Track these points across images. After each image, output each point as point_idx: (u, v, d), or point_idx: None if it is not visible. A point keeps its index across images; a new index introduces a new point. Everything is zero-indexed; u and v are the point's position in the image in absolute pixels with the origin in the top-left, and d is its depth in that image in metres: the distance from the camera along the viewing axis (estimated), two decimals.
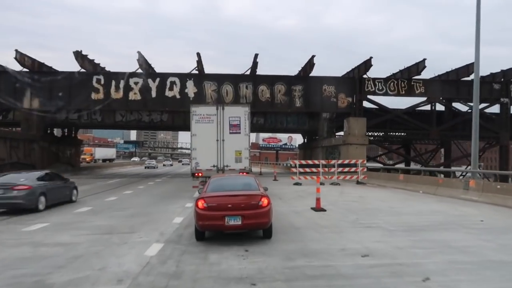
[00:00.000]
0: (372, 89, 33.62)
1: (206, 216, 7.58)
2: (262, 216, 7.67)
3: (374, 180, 24.44)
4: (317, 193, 13.09)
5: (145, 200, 16.53)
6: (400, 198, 16.66)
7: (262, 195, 7.91)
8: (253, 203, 7.71)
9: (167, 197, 17.38)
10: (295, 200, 15.90)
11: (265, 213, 7.71)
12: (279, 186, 23.41)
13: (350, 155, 31.57)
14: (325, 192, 19.15)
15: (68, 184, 15.18)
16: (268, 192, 8.80)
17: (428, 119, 36.38)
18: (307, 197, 16.88)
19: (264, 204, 7.73)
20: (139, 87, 32.11)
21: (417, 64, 32.90)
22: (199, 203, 7.68)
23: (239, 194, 8.04)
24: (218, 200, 7.74)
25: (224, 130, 16.20)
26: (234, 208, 7.58)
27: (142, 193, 20.08)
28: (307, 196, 17.30)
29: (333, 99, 33.32)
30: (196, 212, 7.70)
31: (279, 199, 16.14)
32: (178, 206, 14.13)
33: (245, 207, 7.61)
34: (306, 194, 18.22)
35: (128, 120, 40.63)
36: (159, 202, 15.67)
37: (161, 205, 14.50)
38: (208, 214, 7.57)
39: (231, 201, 7.70)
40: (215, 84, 32.53)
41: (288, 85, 33.03)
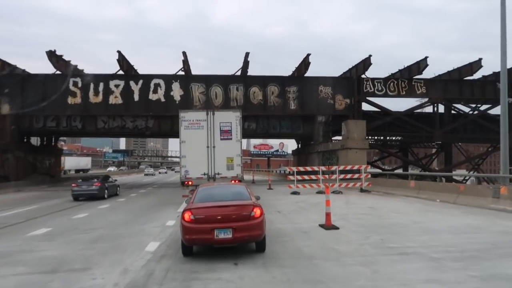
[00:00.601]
0: (371, 89, 31.57)
1: (193, 230, 6.93)
2: (254, 228, 7.05)
3: (379, 188, 22.20)
4: (327, 206, 10.70)
5: (120, 217, 13.98)
6: (418, 209, 14.36)
7: (254, 205, 7.29)
8: (245, 214, 7.08)
9: (147, 213, 14.85)
10: (297, 214, 13.52)
11: (258, 224, 7.10)
12: (275, 196, 21.04)
13: (349, 160, 29.38)
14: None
15: (116, 184, 23.42)
16: (265, 203, 8.83)
17: (428, 121, 34.40)
18: (310, 210, 14.52)
19: (257, 214, 7.13)
20: (120, 90, 29.60)
21: (418, 63, 30.97)
22: (185, 215, 7.05)
23: (229, 204, 7.34)
24: (206, 212, 7.15)
25: (214, 136, 15.69)
26: (224, 220, 6.96)
27: (120, 207, 17.49)
28: (310, 208, 14.95)
29: (330, 101, 31.17)
30: (182, 225, 7.05)
31: (278, 213, 13.77)
32: (157, 225, 11.65)
33: (236, 219, 6.99)
34: (308, 206, 15.87)
35: (111, 126, 38.00)
36: (136, 219, 13.15)
37: (136, 224, 12.00)
38: (195, 227, 6.93)
39: (221, 212, 7.08)
40: (203, 86, 30.17)
41: (282, 86, 30.81)
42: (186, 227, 6.97)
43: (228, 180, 14.88)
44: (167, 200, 19.98)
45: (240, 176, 16.00)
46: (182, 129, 15.90)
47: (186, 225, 6.98)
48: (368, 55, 29.57)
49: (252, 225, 7.02)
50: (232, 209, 7.17)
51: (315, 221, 11.32)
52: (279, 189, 26.63)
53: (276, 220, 11.92)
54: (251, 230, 7.00)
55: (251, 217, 7.06)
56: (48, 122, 36.57)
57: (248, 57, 28.51)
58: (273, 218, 12.23)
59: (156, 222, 12.23)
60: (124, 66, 28.70)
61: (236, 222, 6.93)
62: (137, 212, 15.22)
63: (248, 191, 8.23)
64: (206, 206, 7.35)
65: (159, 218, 13.10)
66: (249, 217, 7.05)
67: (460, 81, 32.57)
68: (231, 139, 15.85)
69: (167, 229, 10.77)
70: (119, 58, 27.69)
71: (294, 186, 21.80)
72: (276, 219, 12.20)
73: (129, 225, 11.90)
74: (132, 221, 12.73)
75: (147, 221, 12.56)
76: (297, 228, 10.57)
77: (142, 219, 13.15)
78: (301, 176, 22.49)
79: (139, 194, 25.11)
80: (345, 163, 27.74)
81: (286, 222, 11.75)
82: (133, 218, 13.52)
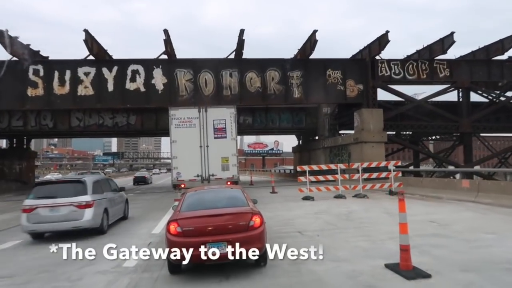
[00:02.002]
0: (387, 73, 26.97)
1: (181, 244, 5.71)
2: (254, 240, 5.89)
3: (413, 189, 17.61)
4: (403, 233, 5.98)
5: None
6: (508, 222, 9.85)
7: (253, 213, 6.19)
8: (242, 224, 6.00)
9: (103, 238, 10.04)
10: (331, 238, 8.79)
11: (258, 236, 5.98)
12: (284, 203, 16.39)
13: (364, 156, 24.82)
14: (358, 211, 12.39)
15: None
16: (275, 217, 8.54)
17: (450, 110, 29.82)
18: (346, 228, 9.86)
19: (257, 224, 6.06)
20: (90, 79, 24.68)
21: (441, 40, 26.42)
22: (171, 227, 5.98)
23: (223, 213, 6.20)
24: (196, 222, 6.02)
25: (208, 135, 14.99)
26: (218, 231, 5.89)
27: None
28: (343, 225, 10.31)
29: (340, 87, 26.53)
30: (168, 239, 5.95)
31: (300, 235, 9.14)
32: (110, 268, 6.90)
33: (232, 230, 5.92)
34: (337, 220, 11.23)
35: (87, 124, 33.08)
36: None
37: (75, 265, 7.23)
38: (183, 241, 5.78)
39: (213, 222, 6.03)
40: (190, 73, 25.37)
41: (283, 71, 26.10)
42: (172, 241, 5.90)
43: (224, 182, 14.15)
44: (146, 213, 15.27)
45: (236, 177, 15.03)
46: (173, 127, 15.01)
47: (172, 239, 5.93)
48: (385, 31, 24.98)
49: (251, 237, 5.94)
50: (227, 218, 6.13)
51: (369, 254, 6.91)
52: (285, 192, 22.00)
53: (303, 249, 7.27)
54: (250, 243, 5.85)
55: (250, 227, 6.05)
56: (14, 121, 31.55)
57: (243, 35, 23.78)
58: (296, 244, 7.59)
59: (106, 264, 7.47)
60: (94, 49, 23.78)
61: (232, 233, 5.91)
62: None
63: (244, 195, 7.17)
64: (195, 215, 6.29)
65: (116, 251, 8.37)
66: (248, 227, 6.05)
67: (488, 61, 28.12)
68: (226, 138, 15.06)
69: (122, 279, 6.09)
70: (86, 39, 22.78)
71: (307, 190, 17.20)
72: (302, 245, 7.54)
73: (63, 266, 7.11)
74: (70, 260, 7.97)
75: (94, 262, 7.79)
76: (349, 275, 5.91)
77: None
78: (314, 177, 17.87)
79: None
80: (359, 160, 23.20)
81: (325, 259, 7.08)
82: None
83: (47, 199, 10.01)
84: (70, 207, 9.90)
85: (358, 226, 10.08)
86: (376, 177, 17.94)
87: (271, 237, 8.12)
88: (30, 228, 9.95)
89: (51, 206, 9.88)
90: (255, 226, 6.07)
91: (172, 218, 6.33)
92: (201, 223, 6.02)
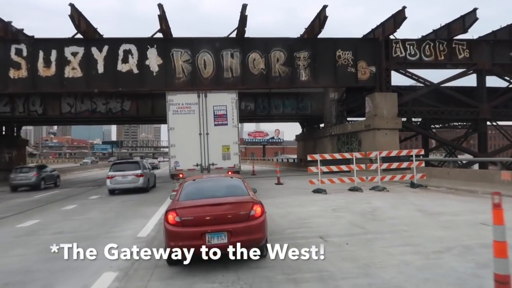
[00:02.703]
0: (402, 54, 24.80)
1: (180, 235, 5.60)
2: (255, 230, 5.73)
3: (438, 181, 15.68)
4: (500, 258, 3.99)
5: (12, 260, 7.26)
6: None
7: (254, 202, 6.01)
8: (243, 214, 5.81)
9: (56, 259, 8.06)
10: (365, 248, 6.69)
11: (259, 226, 5.80)
12: (293, 196, 14.46)
13: (377, 144, 22.91)
14: (384, 208, 10.49)
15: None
16: (286, 214, 8.02)
17: (467, 95, 27.69)
18: (381, 233, 7.80)
19: (258, 213, 5.86)
20: (79, 60, 22.53)
21: (462, 17, 24.22)
22: (169, 217, 5.75)
23: (223, 202, 6.04)
24: (195, 212, 5.81)
25: (208, 122, 14.23)
26: (218, 221, 5.67)
27: (40, 230, 10.52)
28: (376, 227, 8.30)
29: (350, 69, 24.38)
30: (166, 229, 5.73)
31: (323, 241, 7.19)
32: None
33: (232, 220, 5.73)
34: (363, 220, 9.25)
35: (79, 111, 31.24)
36: (33, 273, 6.47)
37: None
38: (182, 231, 5.63)
39: (213, 211, 5.77)
40: (187, 53, 23.21)
41: (290, 51, 23.93)
42: (170, 231, 5.67)
43: (225, 171, 13.42)
44: (133, 210, 13.34)
45: (238, 167, 14.29)
46: (170, 114, 14.23)
47: (170, 229, 5.68)
48: (402, 6, 22.76)
49: (252, 227, 5.71)
50: (227, 207, 5.91)
51: (430, 276, 4.93)
52: (292, 183, 20.09)
53: (336, 274, 5.32)
54: (250, 233, 5.65)
55: (250, 216, 5.81)
56: (0, 106, 29.64)
57: (245, 10, 21.56)
58: (325, 264, 5.64)
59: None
60: (81, 26, 21.58)
61: (233, 223, 5.68)
62: (45, 253, 8.47)
63: (245, 185, 6.89)
64: (194, 204, 6.00)
65: (76, 275, 6.41)
66: (248, 217, 5.80)
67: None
68: (227, 125, 14.27)
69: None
70: (72, 14, 20.56)
71: (318, 182, 15.25)
72: (334, 269, 5.55)
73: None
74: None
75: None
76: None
77: (43, 272, 6.43)
78: (327, 167, 15.89)
79: (99, 199, 18.25)
80: (370, 149, 21.32)
81: (368, 282, 5.09)
82: (31, 265, 6.79)
83: (119, 171, 18.48)
84: (132, 176, 18.30)
85: (393, 229, 8.11)
86: (396, 167, 15.99)
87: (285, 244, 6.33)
88: (111, 187, 18.39)
89: (122, 175, 18.31)
90: (256, 216, 5.87)
91: (170, 207, 6.09)
92: (200, 213, 5.79)
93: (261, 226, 5.86)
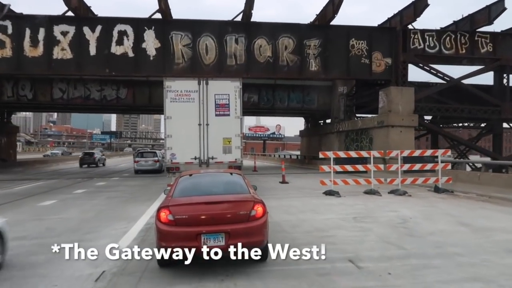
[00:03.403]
0: (421, 45, 22.91)
1: (173, 235, 5.13)
2: (255, 232, 5.23)
3: (465, 186, 13.88)
4: None
5: None
6: None
7: (255, 201, 5.49)
8: (243, 214, 5.32)
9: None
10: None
11: (260, 227, 5.30)
12: (303, 199, 12.65)
13: (391, 142, 21.16)
14: (416, 219, 8.71)
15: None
16: (299, 224, 7.01)
17: (487, 92, 25.82)
18: (429, 258, 5.88)
19: (259, 214, 5.36)
20: (69, 40, 20.64)
21: (488, 7, 22.30)
22: (162, 215, 5.27)
23: (222, 200, 5.56)
24: (191, 210, 5.33)
25: (208, 112, 13.13)
26: (215, 221, 5.21)
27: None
28: (423, 252, 6.32)
29: (364, 60, 22.50)
30: (158, 228, 5.26)
31: (356, 268, 5.36)
32: None
33: (231, 220, 5.25)
34: (400, 237, 7.37)
35: (71, 97, 29.43)
36: None
37: None
38: (176, 231, 5.17)
39: (210, 210, 5.30)
40: (188, 36, 21.31)
41: (299, 38, 22.04)
42: (162, 231, 5.20)
43: (225, 166, 12.56)
44: (114, 212, 11.55)
45: (239, 161, 13.27)
46: (168, 102, 13.17)
47: (162, 229, 5.21)
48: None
49: (252, 229, 5.22)
50: (225, 206, 5.44)
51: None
52: (298, 183, 18.32)
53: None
54: (250, 235, 5.16)
55: (251, 217, 5.31)
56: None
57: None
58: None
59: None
60: (72, 2, 19.66)
61: (231, 224, 5.20)
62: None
63: (245, 181, 6.33)
64: (189, 202, 5.53)
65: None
66: (248, 217, 5.30)
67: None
68: (229, 115, 13.26)
69: None
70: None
71: (330, 182, 13.45)
72: None
73: None
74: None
75: None
76: None
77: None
78: (340, 167, 14.05)
79: (83, 194, 16.46)
80: (383, 147, 19.60)
81: None
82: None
83: (143, 158, 26.52)
84: (151, 161, 26.09)
85: (442, 251, 6.29)
86: (419, 169, 14.15)
87: (302, 270, 5.17)
88: (136, 168, 25.94)
89: (144, 160, 26.23)
90: (257, 216, 5.40)
91: (163, 204, 5.65)
92: (196, 211, 5.35)
93: (262, 228, 5.40)
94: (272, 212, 9.61)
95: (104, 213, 10.67)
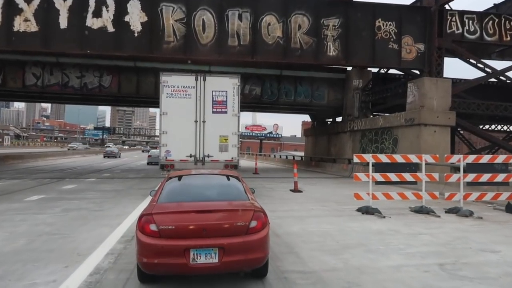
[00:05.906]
0: (459, 30, 19.29)
1: (156, 249, 4.13)
2: (255, 247, 4.30)
3: None
4: None
5: None
6: None
7: (256, 209, 4.52)
8: (240, 225, 4.32)
9: None
10: None
11: (260, 242, 4.34)
12: (330, 218, 8.89)
13: (422, 144, 17.64)
14: None
15: None
16: (350, 275, 4.70)
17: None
18: None
19: (259, 225, 4.40)
20: (34, 8, 16.79)
21: None
22: (144, 224, 4.26)
23: (216, 208, 4.53)
24: (178, 219, 4.33)
25: (205, 108, 12.89)
26: (207, 233, 4.24)
27: None
28: None
29: (392, 45, 18.84)
30: (139, 240, 4.25)
31: None
32: None
33: (227, 232, 4.28)
34: None
35: (47, 84, 25.52)
36: None
37: None
38: (160, 244, 4.15)
39: (202, 220, 4.30)
40: (181, 9, 17.52)
41: (316, 17, 18.33)
42: (143, 244, 4.16)
43: (221, 165, 12.56)
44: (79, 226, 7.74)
45: (236, 160, 12.85)
46: (164, 97, 12.65)
47: (143, 241, 4.17)
48: None
49: (251, 243, 4.25)
50: (220, 215, 4.41)
51: None
52: (314, 191, 14.63)
53: None
54: (249, 251, 4.23)
55: (250, 229, 4.31)
56: None
57: None
58: None
59: None
60: None
61: (227, 237, 4.24)
62: None
63: (243, 185, 5.49)
64: (178, 209, 4.53)
65: None
66: (247, 229, 4.31)
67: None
68: (226, 113, 12.89)
69: None
70: None
71: (368, 196, 9.78)
72: None
73: None
74: None
75: None
76: None
77: None
78: (380, 175, 10.33)
79: (48, 200, 12.60)
80: (411, 150, 16.17)
81: None
82: None
83: (154, 153, 32.57)
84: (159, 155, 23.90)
85: None
86: (487, 180, 10.46)
87: None
88: (149, 161, 33.70)
89: (156, 154, 28.88)
90: (257, 228, 4.38)
91: (145, 211, 4.53)
92: (184, 221, 4.32)
93: (263, 243, 4.41)
94: (298, 246, 6.09)
95: (42, 239, 6.87)
